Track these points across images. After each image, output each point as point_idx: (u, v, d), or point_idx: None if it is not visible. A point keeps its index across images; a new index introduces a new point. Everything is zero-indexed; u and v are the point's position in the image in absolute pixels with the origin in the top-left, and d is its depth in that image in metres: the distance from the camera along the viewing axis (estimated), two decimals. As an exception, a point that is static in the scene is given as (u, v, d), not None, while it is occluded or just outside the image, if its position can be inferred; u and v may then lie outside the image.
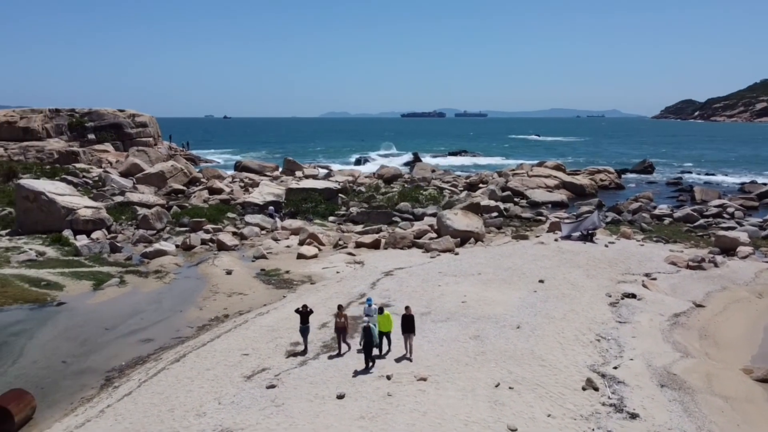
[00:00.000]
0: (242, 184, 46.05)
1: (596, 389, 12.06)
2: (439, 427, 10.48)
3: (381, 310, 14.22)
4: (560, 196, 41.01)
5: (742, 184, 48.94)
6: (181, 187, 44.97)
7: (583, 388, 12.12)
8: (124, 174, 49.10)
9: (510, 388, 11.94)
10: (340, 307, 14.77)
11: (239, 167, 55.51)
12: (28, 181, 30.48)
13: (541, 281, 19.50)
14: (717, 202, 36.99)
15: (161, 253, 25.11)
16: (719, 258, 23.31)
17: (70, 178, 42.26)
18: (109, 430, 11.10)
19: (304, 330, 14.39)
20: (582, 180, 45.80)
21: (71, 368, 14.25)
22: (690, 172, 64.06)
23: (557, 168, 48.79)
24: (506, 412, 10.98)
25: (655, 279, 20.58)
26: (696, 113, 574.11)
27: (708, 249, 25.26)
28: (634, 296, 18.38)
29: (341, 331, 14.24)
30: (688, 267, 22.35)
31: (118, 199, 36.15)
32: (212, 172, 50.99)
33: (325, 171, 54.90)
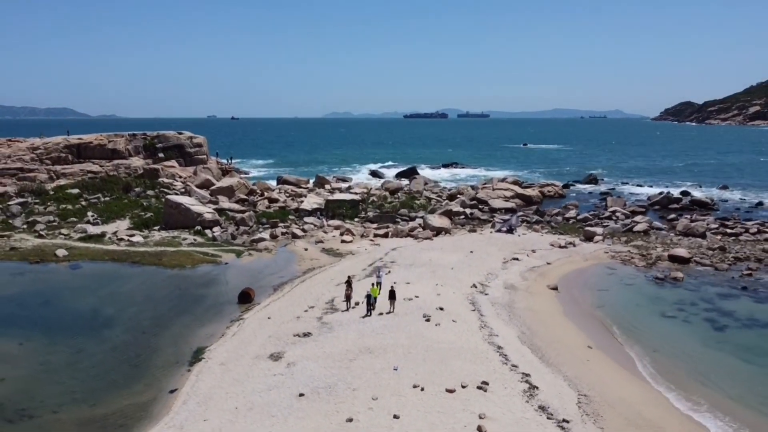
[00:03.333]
0: (288, 195, 64.40)
1: (476, 287, 30.29)
2: (415, 294, 28.68)
3: (376, 284, 31.23)
4: (512, 204, 59.10)
5: (650, 196, 66.73)
6: (245, 197, 63.26)
7: (473, 286, 30.29)
8: (200, 187, 67.35)
9: (441, 286, 30.14)
10: (349, 281, 27.25)
11: (281, 181, 73.91)
12: (171, 197, 48.81)
13: (471, 251, 37.78)
14: (612, 208, 55.07)
15: (261, 240, 43.31)
16: (578, 242, 41.54)
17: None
18: (286, 303, 29.17)
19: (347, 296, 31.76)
20: (531, 192, 63.91)
21: (256, 284, 32.37)
22: (627, 183, 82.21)
23: (515, 182, 67.14)
24: (439, 291, 29.16)
25: (534, 252, 38.80)
26: (693, 116, 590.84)
27: (578, 237, 43.46)
28: (516, 259, 36.58)
29: (348, 297, 27.03)
30: (559, 247, 40.54)
31: (214, 206, 54.34)
32: (263, 185, 69.21)
33: (345, 184, 73.48)
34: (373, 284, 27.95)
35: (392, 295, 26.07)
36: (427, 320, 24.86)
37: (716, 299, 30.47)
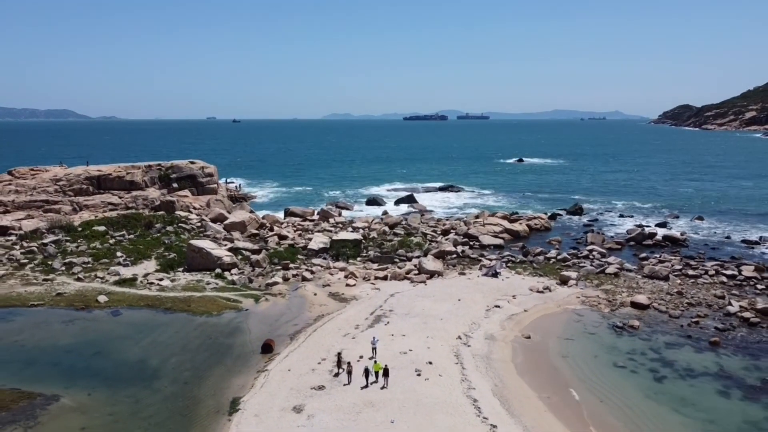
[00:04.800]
0: (296, 229, 70.18)
1: (461, 338, 36.02)
2: (409, 347, 34.38)
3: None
4: (500, 240, 64.83)
5: (629, 230, 72.38)
6: (256, 232, 69.03)
7: (459, 338, 36.02)
8: (213, 221, 73.14)
9: (431, 338, 35.86)
10: (348, 362, 30.41)
11: (288, 213, 79.74)
12: (194, 241, 54.59)
13: (459, 299, 43.54)
14: (590, 246, 60.81)
15: (275, 283, 49.06)
16: (553, 286, 47.33)
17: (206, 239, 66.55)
18: (302, 354, 34.86)
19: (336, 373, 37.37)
20: (518, 227, 69.68)
21: (276, 332, 38.03)
22: (610, 211, 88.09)
23: (504, 217, 72.98)
24: (429, 344, 34.88)
25: (515, 297, 44.55)
26: (690, 120, 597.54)
27: (556, 280, 49.21)
28: (498, 306, 42.34)
29: (350, 373, 30.09)
30: (537, 291, 46.30)
31: (230, 245, 60.07)
32: (272, 218, 74.96)
33: (348, 212, 79.53)
34: (374, 360, 31.96)
35: (386, 373, 29.79)
36: (418, 375, 30.62)
37: (663, 348, 36.22)
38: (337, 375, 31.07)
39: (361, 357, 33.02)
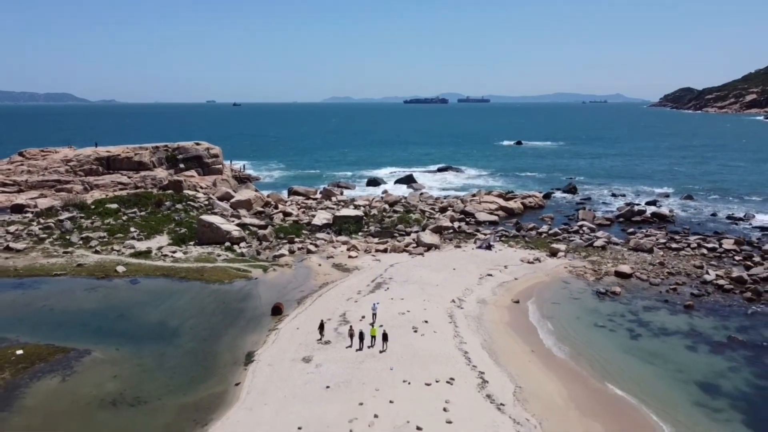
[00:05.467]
0: (299, 207, 73.11)
1: (455, 302, 39.16)
2: (407, 309, 37.53)
3: (371, 316, 39.03)
4: (495, 216, 67.77)
5: (619, 208, 75.24)
6: (261, 209, 71.96)
7: (453, 301, 39.14)
8: (220, 199, 76.02)
9: (427, 301, 38.98)
10: (350, 326, 32.64)
11: (291, 192, 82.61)
12: (204, 216, 57.57)
13: (454, 269, 46.60)
14: (581, 222, 63.77)
15: (282, 255, 52.12)
16: (543, 257, 50.38)
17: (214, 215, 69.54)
18: (309, 315, 37.97)
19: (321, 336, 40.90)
20: (513, 204, 72.58)
21: (283, 298, 41.19)
22: (603, 190, 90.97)
23: (499, 195, 75.87)
24: (425, 306, 38.02)
25: (506, 267, 47.62)
26: (691, 103, 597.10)
27: (546, 252, 52.24)
28: (490, 275, 45.42)
29: (351, 336, 32.44)
30: (527, 263, 49.34)
31: (237, 221, 63.05)
32: (276, 197, 77.84)
33: (349, 191, 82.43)
34: (371, 324, 34.22)
35: (385, 337, 31.55)
36: (415, 331, 33.76)
37: (641, 311, 39.37)
38: (319, 341, 32.79)
39: (363, 317, 36.13)
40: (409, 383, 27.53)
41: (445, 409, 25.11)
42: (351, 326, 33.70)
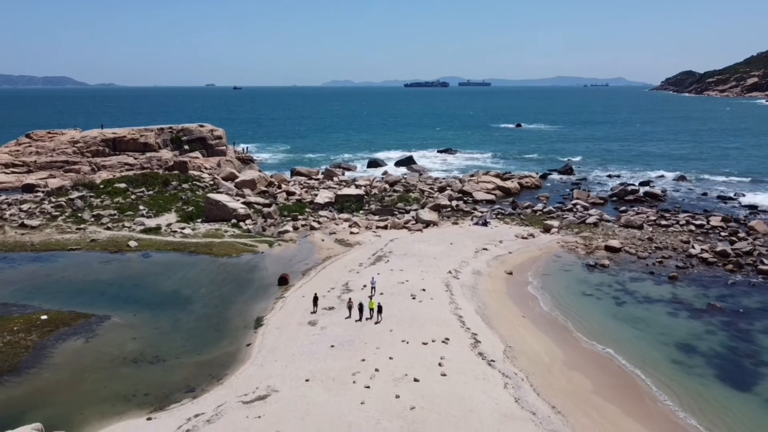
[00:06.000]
0: (302, 186, 75.20)
1: (451, 273, 41.42)
2: (406, 279, 39.79)
3: (370, 289, 41.21)
4: (492, 195, 69.85)
5: (613, 187, 77.29)
6: (265, 189, 74.03)
7: (449, 272, 41.39)
8: (225, 179, 78.06)
9: (425, 272, 41.24)
10: (349, 299, 35.17)
11: (294, 172, 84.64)
12: (211, 195, 59.69)
13: (451, 243, 48.81)
14: (575, 201, 65.86)
15: (286, 231, 54.30)
16: (537, 233, 52.56)
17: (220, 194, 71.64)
18: (313, 285, 40.21)
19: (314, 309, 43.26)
20: (510, 184, 74.63)
21: (289, 270, 43.45)
22: (599, 171, 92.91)
23: (497, 175, 77.89)
24: (423, 276, 40.29)
25: (501, 242, 49.81)
26: (692, 86, 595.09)
27: (540, 229, 54.40)
28: (486, 249, 47.61)
29: (350, 308, 34.35)
30: (522, 238, 51.54)
31: (243, 200, 65.18)
32: (280, 177, 79.87)
33: (350, 173, 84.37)
34: (370, 297, 35.55)
35: (380, 310, 33.05)
36: (413, 298, 36.04)
37: (627, 282, 41.62)
38: (313, 314, 34.24)
39: (364, 286, 38.40)
40: (407, 342, 29.82)
41: (440, 364, 27.41)
42: (350, 298, 34.98)
